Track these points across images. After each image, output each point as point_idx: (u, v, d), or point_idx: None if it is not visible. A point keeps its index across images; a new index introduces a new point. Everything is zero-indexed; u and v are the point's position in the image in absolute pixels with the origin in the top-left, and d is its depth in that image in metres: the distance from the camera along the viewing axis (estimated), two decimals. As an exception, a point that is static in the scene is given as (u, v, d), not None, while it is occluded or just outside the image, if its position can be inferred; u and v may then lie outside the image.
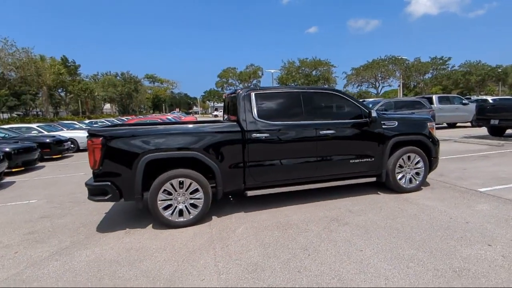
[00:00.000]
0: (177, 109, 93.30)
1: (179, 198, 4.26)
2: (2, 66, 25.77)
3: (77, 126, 19.42)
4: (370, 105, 12.70)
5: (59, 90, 40.54)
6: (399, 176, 5.16)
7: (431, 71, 40.77)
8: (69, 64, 41.93)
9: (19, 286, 2.99)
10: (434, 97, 15.16)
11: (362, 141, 4.94)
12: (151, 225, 4.39)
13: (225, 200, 5.36)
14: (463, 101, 15.81)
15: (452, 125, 16.93)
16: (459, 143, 10.78)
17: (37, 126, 15.70)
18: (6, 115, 46.24)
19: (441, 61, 41.96)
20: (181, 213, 4.26)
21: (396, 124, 5.11)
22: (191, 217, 4.29)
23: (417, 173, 5.27)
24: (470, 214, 4.12)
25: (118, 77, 70.95)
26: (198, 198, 4.31)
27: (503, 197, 4.74)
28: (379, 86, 39.46)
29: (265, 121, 4.54)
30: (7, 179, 8.83)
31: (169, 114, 42.89)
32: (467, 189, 5.25)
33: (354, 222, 4.08)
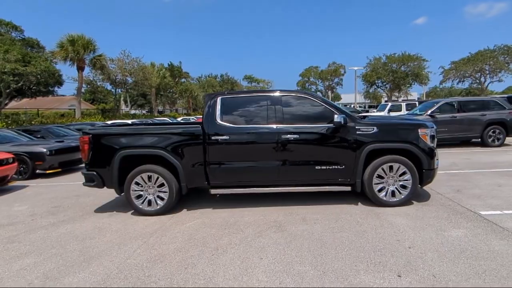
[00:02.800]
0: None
1: (149, 190, 4.74)
2: (121, 73, 31.43)
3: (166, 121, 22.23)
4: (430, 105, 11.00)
5: (168, 91, 46.79)
6: (378, 187, 4.54)
7: None
8: (174, 69, 48.07)
9: (7, 244, 3.92)
10: (529, 96, 12.05)
11: (329, 147, 4.53)
12: (132, 211, 5.01)
13: (211, 196, 5.61)
14: None
15: None
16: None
17: (131, 122, 18.62)
18: (137, 111, 55.41)
19: None
20: (150, 203, 4.75)
21: (375, 130, 4.48)
22: (158, 207, 4.73)
23: (403, 186, 4.53)
24: (427, 239, 3.41)
25: (218, 79, 77.28)
26: (164, 192, 4.72)
27: (499, 224, 3.71)
28: (485, 81, 32.61)
29: (227, 124, 4.62)
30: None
31: None
32: (467, 210, 4.27)
33: (292, 231, 3.86)
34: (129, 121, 19.12)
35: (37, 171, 8.72)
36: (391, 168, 4.50)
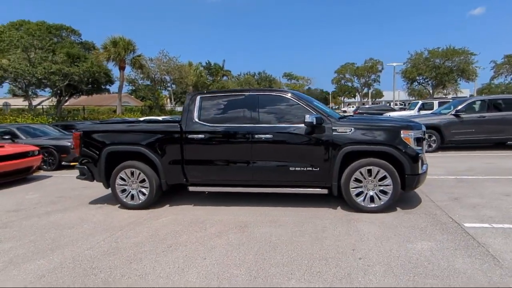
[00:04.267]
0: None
1: (132, 185, 4.92)
2: (159, 72, 32.99)
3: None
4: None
5: (205, 89, 48.41)
6: (356, 192, 4.25)
7: None
8: (211, 67, 49.48)
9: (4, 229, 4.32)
10: None
11: (303, 148, 4.33)
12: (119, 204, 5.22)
13: (199, 193, 5.63)
14: None
15: None
16: None
17: (162, 118, 19.45)
18: (180, 108, 58.30)
19: None
20: (133, 197, 4.93)
21: (352, 131, 4.19)
22: (140, 202, 4.89)
23: (383, 192, 4.19)
24: (385, 251, 3.12)
25: (256, 76, 77.67)
26: (146, 187, 4.87)
27: (478, 239, 3.27)
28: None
29: (203, 123, 4.63)
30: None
31: None
32: (451, 221, 3.83)
33: (252, 232, 3.77)
34: (161, 118, 20.01)
35: (63, 163, 9.48)
36: (369, 171, 4.19)
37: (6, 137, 9.72)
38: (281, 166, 4.40)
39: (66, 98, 24.58)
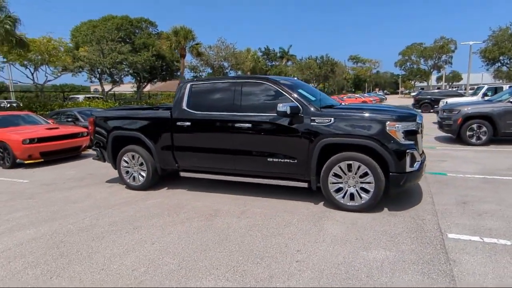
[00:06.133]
0: (377, 89, 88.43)
1: (134, 168, 5.24)
2: (217, 59, 34.00)
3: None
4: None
5: (263, 74, 48.73)
6: (335, 188, 3.84)
7: None
8: (270, 53, 49.27)
9: (24, 200, 5.02)
10: None
11: (279, 139, 4.02)
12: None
13: (199, 178, 5.73)
14: None
15: None
16: None
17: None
18: None
19: None
20: (134, 179, 5.25)
21: (332, 121, 3.74)
22: (140, 183, 5.20)
23: (364, 189, 3.70)
24: (331, 256, 2.78)
25: (318, 61, 74.64)
26: (144, 170, 5.13)
27: (452, 253, 2.68)
28: None
29: (190, 111, 4.63)
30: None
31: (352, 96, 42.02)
32: (436, 229, 3.20)
33: (216, 222, 3.71)
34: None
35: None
36: (350, 167, 3.73)
37: (69, 119, 11.16)
38: (260, 157, 4.20)
39: (145, 84, 27.11)
